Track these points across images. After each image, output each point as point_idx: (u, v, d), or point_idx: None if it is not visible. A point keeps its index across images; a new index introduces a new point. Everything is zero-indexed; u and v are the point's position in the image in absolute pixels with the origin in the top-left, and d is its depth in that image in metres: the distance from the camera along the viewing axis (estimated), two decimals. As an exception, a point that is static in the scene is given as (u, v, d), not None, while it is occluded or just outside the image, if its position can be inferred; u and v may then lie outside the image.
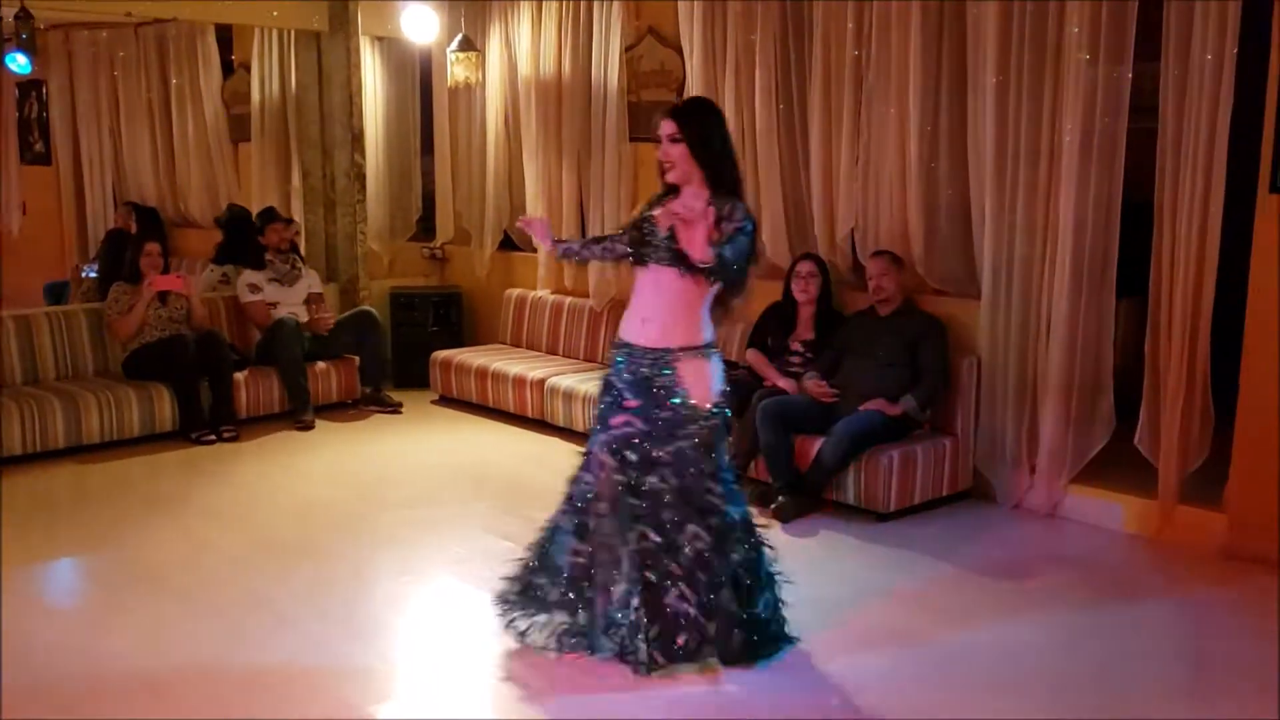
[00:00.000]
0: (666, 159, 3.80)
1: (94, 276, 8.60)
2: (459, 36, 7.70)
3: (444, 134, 8.62)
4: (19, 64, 8.11)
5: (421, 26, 8.05)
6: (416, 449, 6.77)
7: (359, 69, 8.22)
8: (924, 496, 5.52)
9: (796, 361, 5.87)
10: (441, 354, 7.89)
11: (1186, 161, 4.84)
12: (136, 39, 10.48)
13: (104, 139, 11.07)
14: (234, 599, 4.48)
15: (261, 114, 9.43)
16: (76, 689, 3.72)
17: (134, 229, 8.90)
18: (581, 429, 6.44)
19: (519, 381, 7.19)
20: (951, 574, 4.82)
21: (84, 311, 7.18)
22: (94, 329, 7.07)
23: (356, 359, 7.64)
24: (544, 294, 7.96)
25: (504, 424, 7.24)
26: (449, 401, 7.80)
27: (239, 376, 7.08)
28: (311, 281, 7.68)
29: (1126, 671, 3.91)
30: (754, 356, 5.94)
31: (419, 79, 9.03)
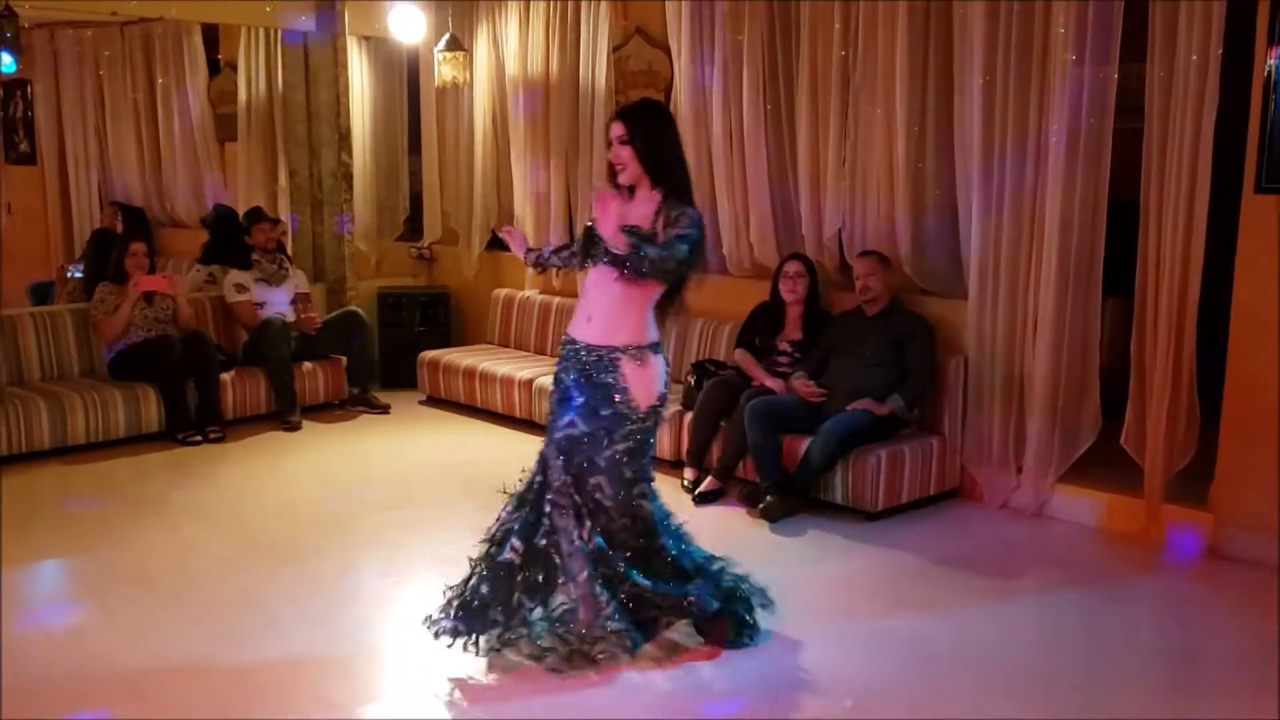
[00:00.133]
0: (618, 161, 3.84)
1: (79, 276, 8.56)
2: (446, 36, 7.70)
3: (431, 134, 8.61)
4: (3, 63, 8.04)
5: (409, 26, 8.05)
6: (404, 449, 6.75)
7: (346, 68, 8.20)
8: (911, 496, 5.53)
9: (784, 361, 5.87)
10: (429, 354, 7.87)
11: (1172, 162, 4.86)
12: (122, 38, 10.44)
13: (89, 138, 11.02)
14: (221, 599, 4.47)
15: (248, 113, 9.40)
16: (63, 689, 3.70)
17: (120, 229, 8.85)
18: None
19: (507, 382, 7.18)
20: (939, 573, 4.83)
21: (69, 312, 7.14)
22: (80, 329, 7.04)
23: (344, 359, 7.62)
24: (532, 294, 7.95)
25: (492, 424, 7.23)
26: (436, 402, 7.79)
27: (225, 377, 7.05)
28: (298, 281, 7.66)
29: (1113, 669, 3.93)
30: (742, 356, 5.95)
31: (406, 78, 9.02)
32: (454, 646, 3.84)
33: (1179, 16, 4.76)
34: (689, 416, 5.95)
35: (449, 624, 3.86)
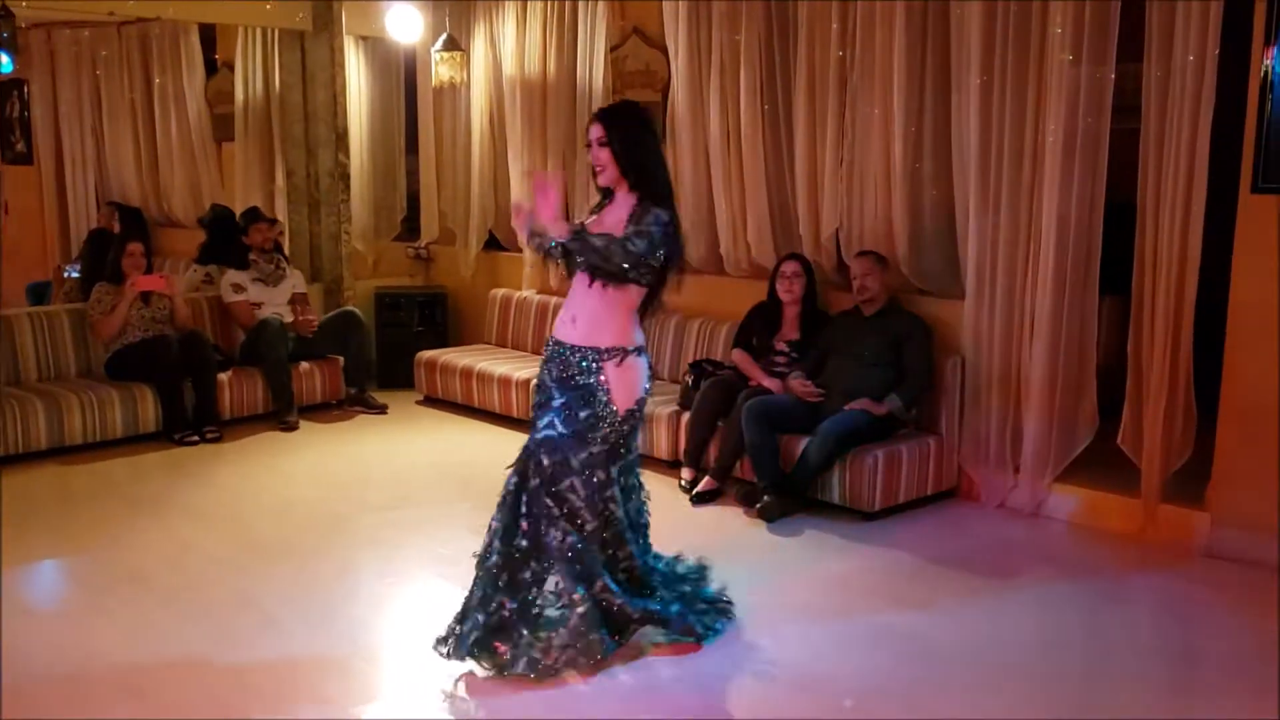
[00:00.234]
0: (596, 162, 3.85)
1: (76, 277, 8.55)
2: (443, 36, 7.70)
3: (428, 134, 8.61)
4: (1, 63, 8.06)
5: (406, 26, 8.04)
6: (401, 450, 6.75)
7: (343, 68, 8.20)
8: (909, 496, 5.53)
9: (782, 361, 5.88)
10: (426, 354, 7.87)
11: (1169, 161, 4.87)
12: (119, 38, 10.43)
13: (86, 138, 11.01)
14: (219, 599, 4.46)
15: (245, 113, 9.40)
16: (62, 689, 3.70)
17: (117, 229, 8.86)
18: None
19: (504, 382, 7.18)
20: (936, 573, 4.83)
21: (66, 312, 7.14)
22: (76, 329, 7.04)
23: (341, 359, 7.62)
24: (529, 294, 7.95)
25: (489, 424, 7.23)
26: (434, 402, 7.79)
27: (223, 377, 7.05)
28: (296, 282, 7.66)
29: (1110, 668, 3.93)
30: (739, 356, 5.95)
31: (403, 78, 9.02)
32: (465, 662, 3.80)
33: (1176, 16, 4.76)
34: (686, 416, 5.95)
35: (455, 638, 3.83)
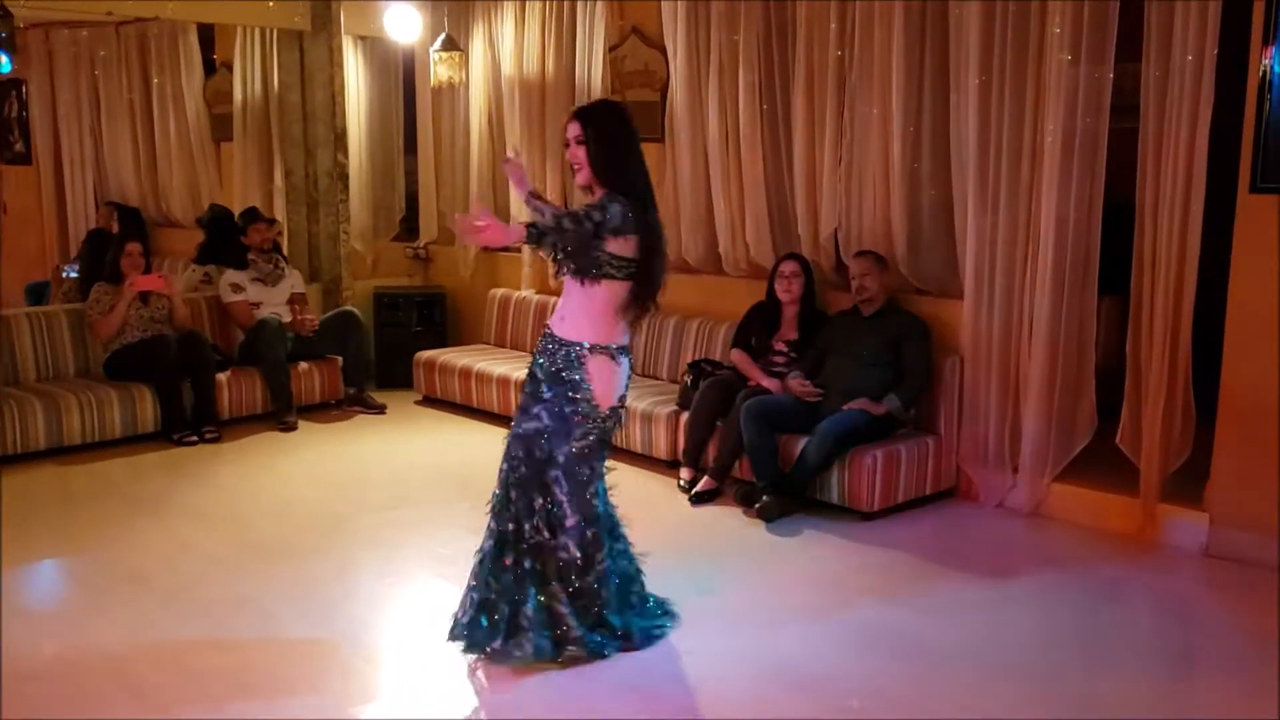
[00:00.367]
0: (574, 160, 3.85)
1: (75, 277, 8.55)
2: (442, 36, 7.70)
3: (427, 134, 8.61)
4: (-1, 63, 8.06)
5: (404, 26, 8.04)
6: (400, 450, 6.75)
7: (342, 68, 8.20)
8: (907, 495, 5.53)
9: (780, 361, 5.88)
10: (425, 354, 7.87)
11: (1168, 161, 4.87)
12: (117, 38, 10.43)
13: (85, 138, 11.00)
14: (218, 599, 4.46)
15: (244, 113, 9.39)
16: (61, 689, 3.69)
17: (115, 229, 8.85)
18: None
19: (503, 382, 7.18)
20: (935, 572, 4.83)
21: (65, 312, 7.13)
22: (75, 329, 7.03)
23: (340, 359, 7.62)
24: (528, 294, 7.95)
25: (488, 425, 7.22)
26: (432, 402, 7.79)
27: (221, 377, 7.05)
28: (294, 282, 7.65)
29: (1109, 668, 3.93)
30: (738, 356, 5.95)
31: (402, 78, 9.02)
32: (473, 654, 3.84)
33: (1174, 16, 4.77)
34: (685, 416, 5.95)
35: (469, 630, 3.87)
